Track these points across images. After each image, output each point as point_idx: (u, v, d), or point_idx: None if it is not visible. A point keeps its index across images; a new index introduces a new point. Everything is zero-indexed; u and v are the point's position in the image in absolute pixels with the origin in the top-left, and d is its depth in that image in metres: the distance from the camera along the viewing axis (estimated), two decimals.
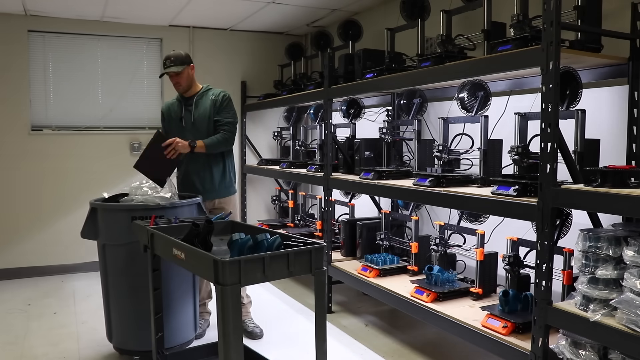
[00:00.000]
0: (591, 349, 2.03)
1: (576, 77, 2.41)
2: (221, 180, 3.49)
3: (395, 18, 3.73)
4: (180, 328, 3.16)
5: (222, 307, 1.92)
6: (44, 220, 5.05)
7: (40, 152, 5.01)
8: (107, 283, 3.14)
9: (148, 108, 5.44)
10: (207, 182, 3.45)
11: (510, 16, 2.55)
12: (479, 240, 2.91)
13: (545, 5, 2.06)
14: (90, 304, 4.18)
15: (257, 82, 5.77)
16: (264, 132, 5.91)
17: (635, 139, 2.38)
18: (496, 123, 3.03)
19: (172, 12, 4.88)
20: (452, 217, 3.59)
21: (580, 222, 2.29)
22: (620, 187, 1.90)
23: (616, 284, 1.94)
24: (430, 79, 3.03)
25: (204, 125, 3.44)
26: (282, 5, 4.59)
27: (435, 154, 3.18)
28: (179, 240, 2.29)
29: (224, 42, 5.65)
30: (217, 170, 3.46)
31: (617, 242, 1.96)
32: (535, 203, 2.14)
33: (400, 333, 3.57)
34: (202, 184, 3.45)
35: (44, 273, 5.00)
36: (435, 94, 3.61)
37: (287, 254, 2.07)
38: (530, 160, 2.52)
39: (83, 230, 3.13)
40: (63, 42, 5.08)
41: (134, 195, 3.09)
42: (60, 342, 3.46)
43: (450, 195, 2.71)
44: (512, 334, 2.41)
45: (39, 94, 5.04)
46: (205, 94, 3.52)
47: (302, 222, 4.95)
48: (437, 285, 3.03)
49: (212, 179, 3.46)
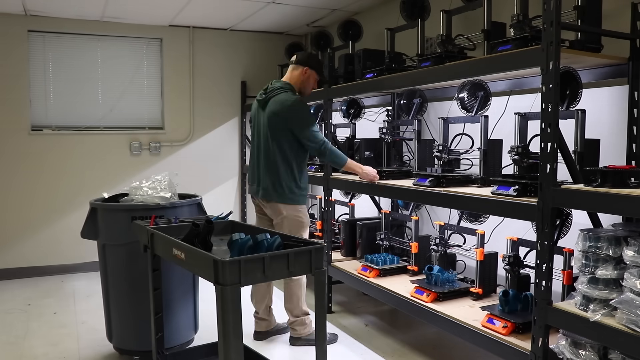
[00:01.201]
0: (591, 349, 2.03)
1: (576, 77, 2.41)
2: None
3: (395, 18, 3.72)
4: (180, 328, 3.17)
5: (222, 307, 1.92)
6: (44, 220, 5.05)
7: (40, 152, 5.01)
8: (107, 283, 3.14)
9: (148, 108, 5.45)
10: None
11: (510, 16, 2.55)
12: (479, 240, 2.91)
13: (545, 5, 2.06)
14: (90, 304, 4.18)
15: (257, 82, 5.77)
16: None
17: (635, 139, 2.38)
18: (496, 123, 3.02)
19: (172, 12, 4.88)
20: (452, 217, 3.59)
21: (580, 222, 2.28)
22: (620, 187, 1.90)
23: (616, 284, 1.94)
24: (430, 79, 3.03)
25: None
26: (282, 5, 4.59)
27: (435, 154, 3.18)
28: (179, 240, 2.29)
29: (224, 42, 5.65)
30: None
31: (617, 242, 1.96)
32: (535, 203, 2.14)
33: (400, 333, 3.57)
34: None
35: (44, 273, 5.00)
36: (435, 94, 3.61)
37: (287, 254, 2.07)
38: (530, 160, 2.51)
39: (83, 230, 3.13)
40: (63, 42, 5.08)
41: (134, 195, 3.09)
42: (60, 342, 3.46)
43: (450, 195, 2.71)
44: (512, 334, 2.41)
45: (39, 94, 5.04)
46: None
47: None
48: (437, 285, 3.03)
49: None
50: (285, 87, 3.30)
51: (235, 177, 5.82)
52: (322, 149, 3.24)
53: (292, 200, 3.27)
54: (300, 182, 3.30)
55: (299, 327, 3.38)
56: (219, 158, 5.72)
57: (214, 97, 5.65)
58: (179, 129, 5.52)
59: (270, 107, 3.26)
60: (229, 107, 5.74)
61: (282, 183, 3.24)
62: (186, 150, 5.55)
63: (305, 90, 3.39)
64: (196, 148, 5.59)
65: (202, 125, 5.61)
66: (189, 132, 5.56)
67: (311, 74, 3.35)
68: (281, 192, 3.24)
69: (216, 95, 5.67)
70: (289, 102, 3.22)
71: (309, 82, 3.38)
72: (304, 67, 3.33)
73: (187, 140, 5.55)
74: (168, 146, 5.47)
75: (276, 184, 3.24)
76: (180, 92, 5.50)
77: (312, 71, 3.35)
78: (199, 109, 5.58)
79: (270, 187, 3.26)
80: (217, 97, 5.67)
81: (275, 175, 3.24)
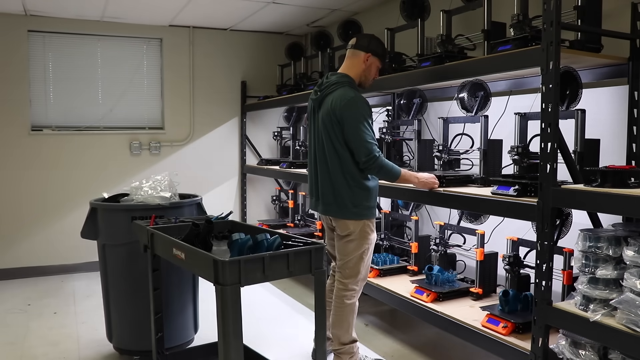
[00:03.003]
0: (591, 349, 2.03)
1: (576, 77, 2.41)
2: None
3: (395, 18, 3.72)
4: (180, 328, 3.17)
5: (222, 307, 1.92)
6: (43, 220, 5.05)
7: (40, 152, 5.01)
8: (107, 283, 3.14)
9: (148, 108, 5.45)
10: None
11: (510, 16, 2.55)
12: (479, 240, 2.91)
13: (545, 5, 2.06)
14: (90, 304, 4.18)
15: (257, 82, 5.77)
16: (264, 132, 5.91)
17: (635, 139, 2.38)
18: (496, 123, 3.02)
19: (172, 12, 4.87)
20: (452, 217, 3.59)
21: (580, 222, 2.28)
22: (620, 187, 1.90)
23: (616, 284, 1.94)
24: (430, 79, 3.03)
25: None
26: (282, 5, 4.59)
27: (435, 154, 3.18)
28: (179, 240, 2.29)
29: (224, 42, 5.65)
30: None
31: (617, 242, 1.96)
32: (535, 203, 2.14)
33: (400, 333, 3.57)
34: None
35: (44, 273, 5.00)
36: (435, 94, 3.61)
37: (287, 254, 2.07)
38: (530, 160, 2.52)
39: (83, 230, 3.13)
40: (63, 42, 5.08)
41: (134, 195, 3.09)
42: (60, 342, 3.45)
43: (450, 195, 2.71)
44: (512, 334, 2.41)
45: (39, 94, 5.04)
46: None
47: (302, 222, 4.95)
48: (437, 285, 3.03)
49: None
50: (342, 80, 2.76)
51: (235, 177, 5.82)
52: (372, 164, 2.66)
53: (358, 216, 2.75)
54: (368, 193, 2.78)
55: (346, 355, 2.85)
56: (219, 158, 5.72)
57: (214, 97, 5.65)
58: (179, 129, 5.52)
59: (325, 106, 2.76)
60: (229, 107, 5.73)
61: (344, 196, 2.73)
62: (186, 150, 5.55)
63: (367, 82, 2.86)
64: (196, 148, 5.59)
65: (202, 125, 5.61)
66: (189, 132, 5.55)
67: (373, 61, 2.81)
68: (343, 206, 2.75)
69: (216, 95, 5.66)
70: (344, 101, 2.68)
71: (371, 72, 2.84)
72: (366, 53, 2.78)
73: (187, 140, 5.55)
74: (168, 146, 5.47)
75: (337, 197, 2.75)
76: (180, 92, 5.50)
77: (375, 58, 2.81)
78: (199, 109, 5.58)
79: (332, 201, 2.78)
80: (217, 97, 5.67)
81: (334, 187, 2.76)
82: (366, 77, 2.83)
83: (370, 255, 2.85)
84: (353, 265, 2.78)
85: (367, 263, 2.83)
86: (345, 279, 2.80)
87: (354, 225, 2.74)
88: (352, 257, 2.77)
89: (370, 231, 2.79)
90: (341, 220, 2.76)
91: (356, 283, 2.81)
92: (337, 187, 2.73)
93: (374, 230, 2.83)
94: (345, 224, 2.76)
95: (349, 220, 2.74)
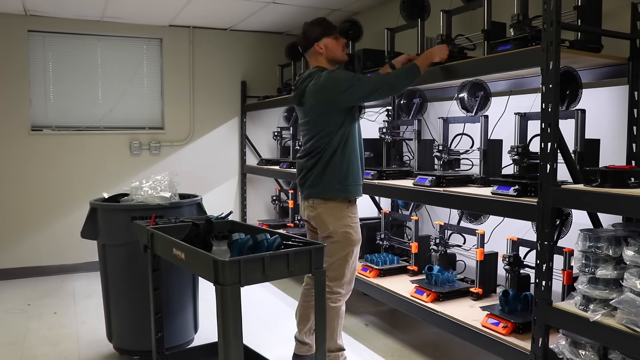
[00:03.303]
0: (591, 349, 2.03)
1: (576, 77, 2.41)
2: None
3: (395, 18, 3.72)
4: (180, 328, 3.17)
5: (222, 307, 1.92)
6: (44, 220, 5.05)
7: (40, 152, 5.01)
8: (107, 283, 3.14)
9: (148, 108, 5.45)
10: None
11: (510, 16, 2.55)
12: (479, 240, 2.91)
13: (545, 5, 2.06)
14: (90, 304, 4.18)
15: (257, 82, 5.77)
16: (264, 132, 5.91)
17: (635, 139, 2.38)
18: (496, 123, 3.02)
19: (172, 12, 4.87)
20: (452, 217, 3.59)
21: (580, 222, 2.29)
22: (620, 187, 1.90)
23: (616, 284, 1.94)
24: (430, 79, 3.03)
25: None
26: (282, 5, 4.59)
27: (435, 154, 3.18)
28: (179, 240, 2.29)
29: (223, 42, 5.65)
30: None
31: (617, 242, 1.96)
32: (535, 203, 2.14)
33: (400, 333, 3.57)
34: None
35: (44, 273, 5.00)
36: (435, 94, 3.61)
37: (287, 254, 2.07)
38: (530, 160, 2.52)
39: (83, 230, 3.13)
40: (63, 42, 5.08)
41: (134, 195, 3.09)
42: (60, 342, 3.45)
43: (450, 195, 2.71)
44: (512, 334, 2.41)
45: (39, 94, 5.03)
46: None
47: (302, 222, 4.94)
48: (437, 285, 3.03)
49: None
50: (315, 70, 2.74)
51: (235, 177, 5.82)
52: (386, 90, 2.67)
53: (344, 192, 2.71)
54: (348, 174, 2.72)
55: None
56: (219, 158, 5.71)
57: (214, 97, 5.65)
58: (179, 129, 5.52)
59: (309, 97, 2.70)
60: (229, 107, 5.73)
61: (331, 175, 2.70)
62: (186, 150, 5.55)
63: (340, 57, 2.80)
64: (196, 148, 5.59)
65: (202, 125, 5.61)
66: (189, 132, 5.55)
67: (326, 42, 2.75)
68: (329, 185, 2.70)
69: (216, 95, 5.66)
70: (324, 80, 2.64)
71: (333, 50, 2.77)
72: (313, 45, 2.75)
73: (187, 140, 5.55)
74: (168, 146, 5.47)
75: (324, 176, 2.71)
76: (180, 92, 5.49)
77: (323, 39, 2.74)
78: (199, 109, 5.58)
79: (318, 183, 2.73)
80: (217, 97, 5.67)
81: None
82: (335, 56, 2.78)
83: (355, 258, 2.79)
84: (337, 267, 2.74)
85: (352, 266, 2.79)
86: (330, 282, 2.69)
87: (333, 225, 2.69)
88: (335, 259, 2.73)
89: (353, 232, 2.73)
90: (321, 213, 2.71)
91: (341, 286, 2.76)
92: (325, 168, 2.67)
93: (358, 232, 2.77)
94: (324, 223, 2.71)
95: (329, 216, 2.69)
